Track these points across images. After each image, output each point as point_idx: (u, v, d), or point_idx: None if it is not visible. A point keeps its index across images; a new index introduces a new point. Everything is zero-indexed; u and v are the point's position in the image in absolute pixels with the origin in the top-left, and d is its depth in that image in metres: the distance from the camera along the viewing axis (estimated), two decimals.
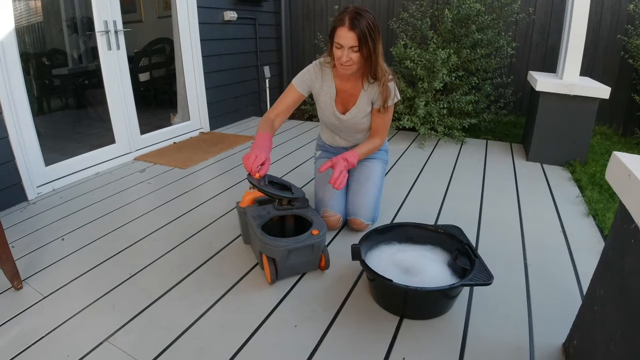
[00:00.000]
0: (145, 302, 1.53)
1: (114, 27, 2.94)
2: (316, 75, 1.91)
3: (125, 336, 1.37)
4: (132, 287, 1.63)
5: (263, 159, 1.62)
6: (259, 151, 1.65)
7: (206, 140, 3.62)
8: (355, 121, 1.98)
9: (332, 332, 1.38)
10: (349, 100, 1.94)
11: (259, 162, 1.61)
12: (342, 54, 1.71)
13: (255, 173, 1.61)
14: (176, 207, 2.31)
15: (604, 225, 2.11)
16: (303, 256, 1.57)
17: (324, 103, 1.94)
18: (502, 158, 3.16)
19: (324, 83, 1.91)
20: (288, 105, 1.91)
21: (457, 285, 1.31)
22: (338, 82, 1.91)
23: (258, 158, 1.61)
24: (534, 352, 1.32)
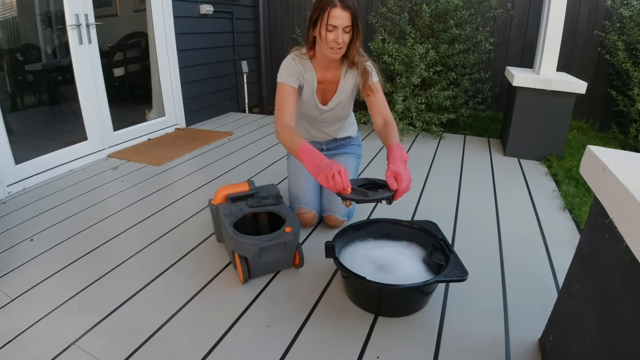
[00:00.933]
0: (115, 304, 1.47)
1: (85, 21, 2.84)
2: (300, 68, 1.82)
3: (93, 339, 1.32)
4: (102, 288, 1.57)
5: (342, 169, 1.39)
6: (330, 164, 1.40)
7: (182, 136, 3.54)
8: (338, 110, 1.95)
9: (305, 332, 1.35)
10: (329, 90, 1.90)
11: (345, 176, 1.38)
12: (336, 35, 1.64)
13: (347, 188, 1.39)
14: (149, 205, 2.24)
15: (579, 219, 2.11)
16: (276, 254, 1.52)
17: (306, 95, 1.88)
18: (479, 153, 3.16)
19: (306, 75, 1.85)
20: (293, 104, 1.75)
21: (431, 282, 1.29)
22: (319, 73, 1.85)
23: (341, 173, 1.38)
24: (509, 347, 1.30)
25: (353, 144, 2.17)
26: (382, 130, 1.73)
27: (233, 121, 3.99)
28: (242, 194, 1.69)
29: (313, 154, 1.47)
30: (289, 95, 1.74)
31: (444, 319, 1.41)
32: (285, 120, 1.66)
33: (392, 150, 1.54)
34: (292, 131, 1.60)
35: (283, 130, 1.62)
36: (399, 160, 1.49)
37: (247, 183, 1.73)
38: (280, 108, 1.71)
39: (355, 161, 2.13)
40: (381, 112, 1.79)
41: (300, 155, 1.49)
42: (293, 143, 1.53)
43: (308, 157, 1.46)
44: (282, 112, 1.69)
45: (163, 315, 1.42)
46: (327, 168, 1.38)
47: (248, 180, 1.74)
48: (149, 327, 1.37)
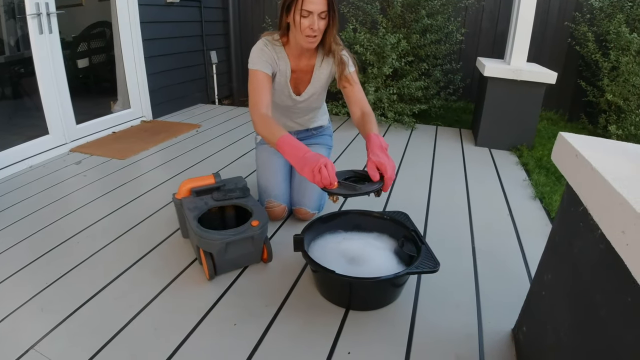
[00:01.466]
0: (76, 304, 1.38)
1: (46, 10, 2.68)
2: (272, 54, 1.70)
3: (53, 342, 1.23)
4: (63, 287, 1.47)
5: (328, 163, 1.31)
6: (315, 157, 1.31)
7: (148, 129, 3.41)
8: (311, 100, 1.89)
9: (274, 329, 1.29)
10: (303, 80, 1.82)
11: (332, 170, 1.30)
12: (311, 22, 1.54)
13: (334, 182, 1.31)
14: (113, 200, 2.13)
15: (550, 207, 2.12)
16: (243, 249, 1.46)
17: (279, 85, 1.79)
18: (451, 143, 3.16)
19: (280, 62, 1.73)
20: (269, 91, 1.64)
21: (402, 274, 1.25)
22: (292, 61, 1.76)
23: (328, 166, 1.29)
24: (483, 339, 1.28)
25: (324, 134, 2.11)
26: (360, 121, 1.66)
27: (202, 113, 3.88)
28: (207, 187, 1.62)
29: (296, 146, 1.37)
30: (264, 83, 1.64)
31: (416, 311, 1.38)
32: (262, 109, 1.56)
33: (370, 140, 1.47)
34: (271, 121, 1.51)
35: (261, 120, 1.53)
36: (377, 149, 1.42)
37: (212, 176, 1.65)
38: (256, 96, 1.61)
39: (326, 152, 2.08)
40: (359, 104, 1.72)
41: (283, 147, 1.39)
42: (273, 135, 1.43)
43: (291, 150, 1.37)
44: (257, 101, 1.59)
45: (126, 314, 1.34)
46: (312, 161, 1.30)
47: (214, 173, 1.66)
48: (111, 327, 1.29)
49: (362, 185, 1.35)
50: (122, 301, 1.40)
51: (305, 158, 1.33)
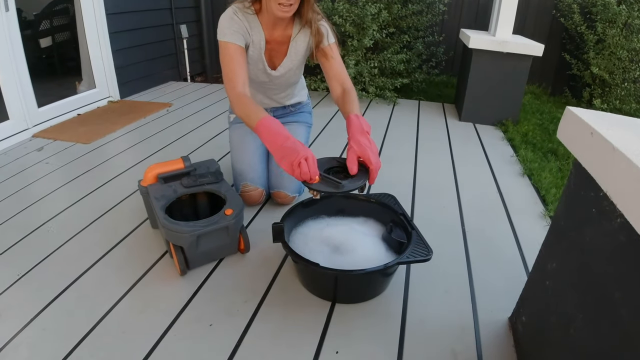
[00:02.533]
0: (37, 308, 1.24)
1: None
2: (244, 24, 1.53)
3: (13, 352, 1.10)
4: (22, 290, 1.32)
5: (309, 156, 1.17)
6: (295, 148, 1.17)
7: (115, 109, 3.20)
8: (289, 75, 1.73)
9: (254, 328, 1.18)
10: (279, 52, 1.65)
11: (313, 164, 1.16)
12: None
13: (315, 177, 1.18)
14: (75, 190, 1.95)
15: (539, 185, 2.05)
16: (216, 240, 1.33)
17: (252, 58, 1.62)
18: (435, 119, 3.05)
19: (252, 32, 1.56)
20: (244, 65, 1.48)
21: (392, 265, 1.14)
22: (266, 31, 1.58)
23: (309, 160, 1.16)
24: (479, 330, 1.20)
25: (303, 111, 1.97)
26: (339, 99, 1.51)
27: (173, 91, 3.66)
28: (175, 173, 1.47)
29: (276, 131, 1.23)
30: (238, 56, 1.47)
31: (407, 301, 1.29)
32: (238, 87, 1.41)
33: (350, 124, 1.32)
34: (249, 102, 1.36)
35: (238, 100, 1.38)
36: (359, 134, 1.27)
37: (181, 159, 1.50)
38: (231, 72, 1.45)
39: (306, 130, 1.94)
40: (339, 79, 1.56)
41: (261, 132, 1.25)
42: (251, 117, 1.28)
43: (270, 136, 1.23)
44: (233, 77, 1.43)
45: (91, 318, 1.21)
46: (292, 153, 1.16)
47: (183, 157, 1.51)
48: (76, 333, 1.16)
49: (346, 182, 1.21)
50: (87, 302, 1.27)
51: (284, 148, 1.18)
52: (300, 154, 1.15)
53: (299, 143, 1.19)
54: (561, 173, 2.21)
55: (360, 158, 1.24)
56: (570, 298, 0.88)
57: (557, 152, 2.49)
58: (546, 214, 1.80)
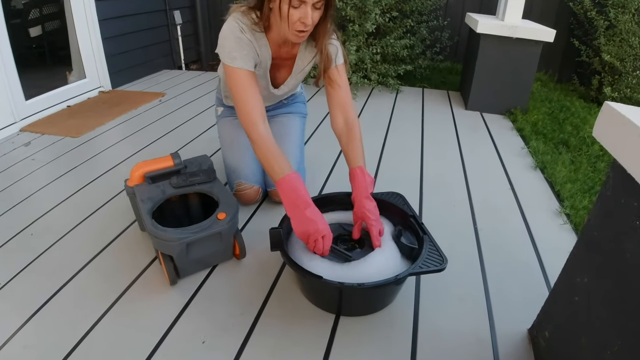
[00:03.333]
0: (16, 323, 1.13)
1: None
2: (253, 43, 1.32)
3: None
4: (1, 303, 1.21)
5: (327, 235, 1.13)
6: (314, 221, 1.12)
7: (106, 100, 3.06)
8: (291, 90, 1.61)
9: (251, 344, 1.07)
10: (282, 67, 1.48)
11: (328, 242, 1.14)
12: (303, 13, 1.17)
13: (327, 252, 1.16)
14: (62, 188, 1.83)
15: (553, 179, 1.93)
16: (209, 247, 1.21)
17: (258, 76, 1.42)
18: (440, 107, 2.92)
19: (261, 52, 1.36)
20: (258, 93, 1.29)
21: (405, 276, 1.02)
22: (273, 49, 1.39)
23: (326, 238, 1.12)
24: (497, 343, 1.09)
25: (297, 102, 1.82)
26: (342, 134, 1.40)
27: (167, 80, 3.51)
28: (163, 171, 1.35)
29: (298, 195, 1.14)
30: (252, 84, 1.28)
31: (418, 311, 1.18)
32: (260, 126, 1.24)
33: (356, 183, 1.27)
34: (273, 147, 1.22)
35: (262, 142, 1.23)
36: (364, 197, 1.24)
37: (170, 157, 1.38)
38: (247, 105, 1.25)
39: (301, 121, 1.79)
40: (342, 108, 1.40)
41: (284, 189, 1.16)
42: (274, 169, 1.19)
43: (291, 197, 1.15)
44: (251, 111, 1.25)
45: (74, 334, 1.10)
46: (311, 226, 1.12)
47: (172, 154, 1.39)
48: (58, 350, 1.05)
49: (355, 253, 1.22)
50: (69, 317, 1.15)
51: (304, 217, 1.12)
52: (319, 231, 1.11)
53: (319, 215, 1.14)
54: (574, 166, 2.09)
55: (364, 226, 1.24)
56: (606, 319, 0.77)
57: (568, 143, 2.37)
58: (562, 211, 1.68)
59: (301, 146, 1.72)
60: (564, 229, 1.58)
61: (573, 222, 1.61)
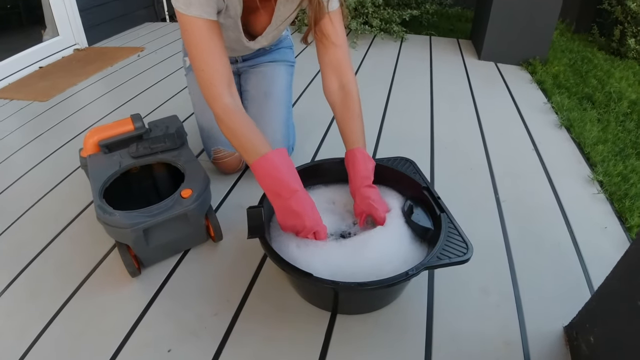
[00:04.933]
0: None
1: None
2: None
3: None
4: None
5: (321, 230, 0.92)
6: (303, 213, 0.89)
7: (80, 59, 2.76)
8: (270, 42, 1.30)
9: (227, 353, 0.86)
10: (259, 13, 1.16)
11: (322, 237, 0.92)
12: None
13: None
14: (21, 162, 1.59)
15: (581, 140, 1.68)
16: (173, 232, 0.99)
17: (224, 26, 1.11)
18: (450, 57, 2.61)
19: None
20: (222, 51, 0.95)
21: (418, 272, 0.80)
22: None
23: (319, 235, 0.92)
24: (528, 346, 0.88)
25: (282, 47, 1.50)
26: (336, 102, 1.09)
27: (148, 33, 3.19)
28: (121, 137, 1.10)
29: (279, 180, 0.88)
30: (212, 38, 0.93)
31: (432, 306, 0.97)
32: (224, 96, 0.93)
33: (355, 167, 1.01)
34: (245, 124, 0.94)
35: (229, 118, 0.94)
36: (364, 187, 1.00)
37: (130, 119, 1.13)
38: (206, 69, 0.93)
39: (287, 71, 1.49)
40: (338, 71, 1.08)
41: (260, 175, 0.90)
42: (248, 149, 0.92)
43: (270, 186, 0.90)
44: (211, 78, 0.93)
45: (22, 342, 0.90)
46: (297, 220, 0.89)
47: (132, 115, 1.14)
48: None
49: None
50: (17, 320, 0.96)
51: (289, 211, 0.89)
52: (308, 228, 0.89)
53: (308, 205, 0.89)
54: (601, 124, 1.83)
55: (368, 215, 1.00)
56: None
57: (593, 98, 2.09)
58: (594, 178, 1.44)
59: (288, 103, 1.44)
60: (598, 200, 1.35)
61: (607, 192, 1.38)
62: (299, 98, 2.01)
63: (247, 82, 1.43)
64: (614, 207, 1.31)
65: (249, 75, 1.44)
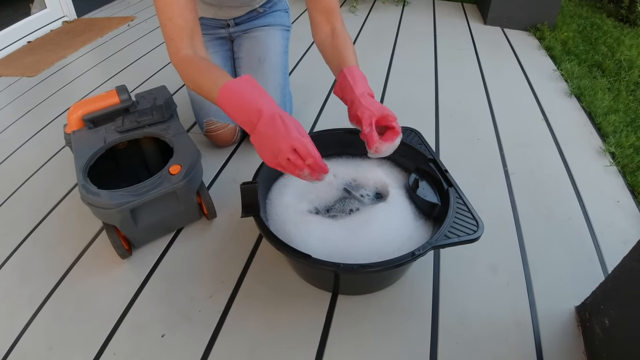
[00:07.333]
0: None
1: None
2: None
3: None
4: None
5: (299, 142, 0.70)
6: (274, 127, 0.70)
7: (69, 31, 2.65)
8: None
9: (223, 338, 0.82)
10: None
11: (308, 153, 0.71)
12: None
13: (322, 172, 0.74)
14: (7, 142, 1.52)
15: (592, 109, 1.60)
16: (163, 211, 0.93)
17: None
18: (455, 22, 2.50)
19: None
20: (184, 1, 0.86)
21: (425, 252, 0.74)
22: None
23: (301, 150, 0.70)
24: (538, 326, 0.84)
25: (276, 10, 1.41)
26: (327, 42, 0.99)
27: (138, 2, 3.04)
28: (107, 111, 1.03)
29: (244, 103, 0.73)
30: None
31: (438, 286, 0.92)
32: (181, 48, 0.85)
33: (355, 76, 0.87)
34: (202, 65, 0.83)
35: (186, 66, 0.85)
36: (368, 95, 0.86)
37: (115, 91, 1.06)
38: (169, 20, 0.85)
39: (282, 36, 1.40)
40: (330, 16, 1.00)
41: (225, 106, 0.76)
42: (210, 86, 0.78)
43: (238, 115, 0.75)
44: (173, 29, 0.85)
45: (13, 329, 0.86)
46: (271, 143, 0.71)
47: (117, 87, 1.07)
48: None
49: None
50: (6, 306, 0.91)
51: (261, 135, 0.71)
52: (282, 148, 0.69)
53: (280, 123, 0.70)
54: (612, 93, 1.75)
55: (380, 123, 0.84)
56: None
57: (603, 66, 2.00)
58: (605, 150, 1.38)
59: (284, 69, 1.36)
60: (610, 172, 1.28)
61: (620, 164, 1.31)
62: (296, 66, 1.92)
63: (240, 49, 1.35)
64: (626, 181, 1.25)
65: (242, 40, 1.35)
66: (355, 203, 0.97)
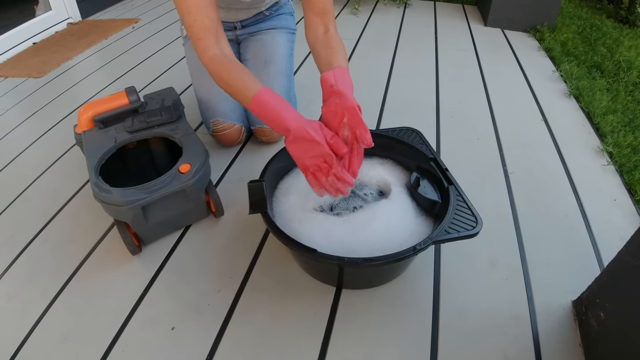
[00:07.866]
0: None
1: None
2: None
3: None
4: None
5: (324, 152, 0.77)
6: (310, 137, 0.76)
7: (74, 32, 2.69)
8: None
9: (231, 330, 0.85)
10: None
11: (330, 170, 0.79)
12: None
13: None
14: (17, 140, 1.55)
15: (590, 109, 1.63)
16: (173, 208, 0.96)
17: None
18: (455, 23, 2.53)
19: None
20: (207, 2, 0.93)
21: (426, 247, 0.77)
22: None
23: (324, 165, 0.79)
24: (536, 321, 0.87)
25: (282, 13, 1.44)
26: (318, 42, 1.01)
27: (143, 4, 3.08)
28: (116, 112, 1.07)
29: (272, 116, 0.80)
30: None
31: (439, 280, 0.95)
32: (210, 47, 0.91)
33: (338, 77, 0.84)
34: (236, 69, 0.89)
35: (218, 68, 0.90)
36: (351, 96, 0.82)
37: (124, 93, 1.09)
38: (194, 23, 0.91)
39: (288, 39, 1.43)
40: (323, 16, 1.02)
41: (259, 113, 0.83)
42: (245, 92, 0.84)
43: (268, 121, 0.82)
44: (199, 32, 0.91)
45: (26, 321, 0.89)
46: (304, 143, 0.77)
47: (127, 88, 1.10)
48: (8, 343, 0.86)
49: None
50: (19, 302, 0.94)
51: (289, 148, 0.80)
52: (313, 153, 0.76)
53: (304, 129, 0.76)
54: (610, 94, 1.78)
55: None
56: None
57: (602, 67, 2.03)
58: (603, 149, 1.40)
59: (289, 72, 1.39)
60: (608, 172, 1.31)
61: (617, 163, 1.34)
62: (300, 66, 1.95)
63: (247, 51, 1.38)
64: (624, 179, 1.28)
65: (248, 43, 1.38)
66: (358, 201, 1.00)
